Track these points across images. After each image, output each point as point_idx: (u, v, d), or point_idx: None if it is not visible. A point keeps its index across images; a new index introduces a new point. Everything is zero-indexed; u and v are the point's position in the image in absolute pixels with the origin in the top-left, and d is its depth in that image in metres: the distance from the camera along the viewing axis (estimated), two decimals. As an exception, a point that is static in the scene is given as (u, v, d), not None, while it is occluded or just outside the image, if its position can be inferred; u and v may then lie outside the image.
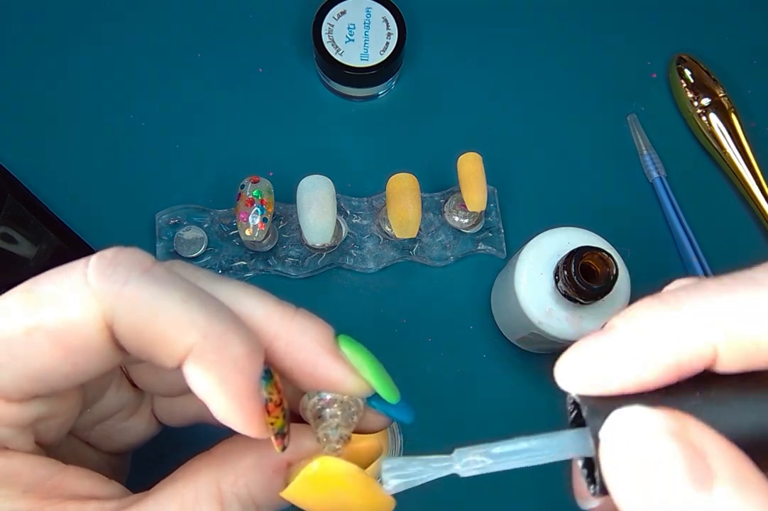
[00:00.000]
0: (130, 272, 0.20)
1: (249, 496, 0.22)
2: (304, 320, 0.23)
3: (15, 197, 0.39)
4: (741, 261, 0.52)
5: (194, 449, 0.23)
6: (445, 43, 0.50)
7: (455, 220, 0.45)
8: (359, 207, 0.46)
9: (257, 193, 0.40)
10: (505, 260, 0.46)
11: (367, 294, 0.45)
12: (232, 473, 0.22)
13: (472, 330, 0.45)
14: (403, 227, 0.41)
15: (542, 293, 0.37)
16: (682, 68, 0.49)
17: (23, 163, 0.46)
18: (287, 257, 0.45)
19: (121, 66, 0.49)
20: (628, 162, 0.49)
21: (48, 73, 0.48)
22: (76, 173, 0.46)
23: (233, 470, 0.22)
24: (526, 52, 0.50)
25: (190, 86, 0.49)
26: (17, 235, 0.39)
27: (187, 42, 0.49)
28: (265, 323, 0.22)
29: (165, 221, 0.45)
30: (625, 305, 0.37)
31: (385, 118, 0.49)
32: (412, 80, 0.50)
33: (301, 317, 0.23)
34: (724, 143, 0.48)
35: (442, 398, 0.43)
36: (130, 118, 0.48)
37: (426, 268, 0.46)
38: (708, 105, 0.48)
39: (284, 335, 0.22)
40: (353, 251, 0.45)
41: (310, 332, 0.23)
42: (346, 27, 0.46)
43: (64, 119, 0.47)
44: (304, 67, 0.49)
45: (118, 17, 0.50)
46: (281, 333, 0.22)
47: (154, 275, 0.20)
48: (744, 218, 0.48)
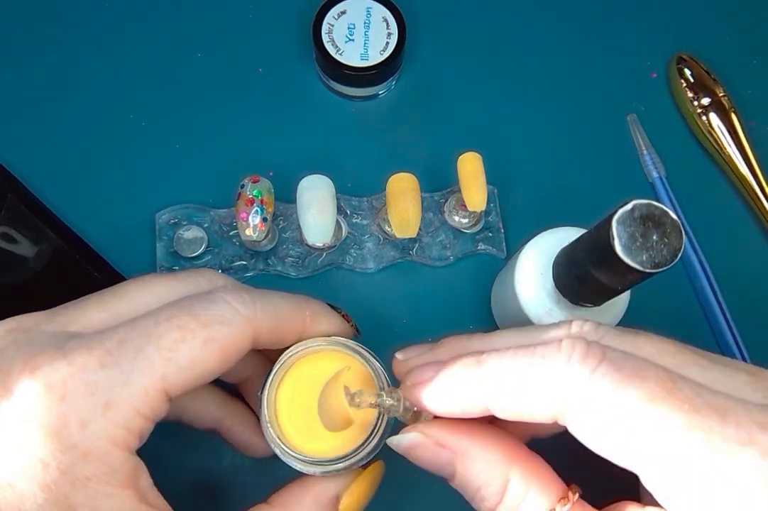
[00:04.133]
0: (251, 294, 0.30)
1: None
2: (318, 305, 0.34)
3: (15, 197, 0.39)
4: (741, 261, 0.53)
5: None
6: (445, 43, 0.50)
7: (455, 220, 0.45)
8: (359, 207, 0.46)
9: (257, 193, 0.40)
10: (505, 260, 0.46)
11: (367, 294, 0.45)
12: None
13: (472, 330, 0.45)
14: (403, 227, 0.41)
15: (542, 293, 0.37)
16: (682, 68, 0.49)
17: (23, 163, 0.46)
18: (287, 256, 0.45)
19: (121, 66, 0.49)
20: (628, 162, 0.49)
21: (48, 72, 0.48)
22: (76, 173, 0.46)
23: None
24: (526, 52, 0.50)
25: (191, 86, 0.49)
26: (17, 235, 0.39)
27: (187, 42, 0.49)
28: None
29: (165, 221, 0.45)
30: (624, 305, 0.37)
31: (385, 118, 0.49)
32: (412, 80, 0.50)
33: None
34: (724, 143, 0.48)
35: (442, 398, 0.43)
36: (130, 118, 0.48)
37: (426, 268, 0.46)
38: (708, 105, 0.48)
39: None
40: (353, 251, 0.45)
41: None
42: (346, 27, 0.46)
43: (64, 119, 0.47)
44: (304, 67, 0.49)
45: (118, 17, 0.50)
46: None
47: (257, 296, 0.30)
48: (744, 218, 0.48)
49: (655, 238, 0.28)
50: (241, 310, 0.28)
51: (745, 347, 0.44)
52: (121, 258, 0.45)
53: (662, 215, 0.29)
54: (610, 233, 0.28)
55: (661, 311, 0.46)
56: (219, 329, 0.27)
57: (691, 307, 0.46)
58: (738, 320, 0.45)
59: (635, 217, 0.29)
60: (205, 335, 0.27)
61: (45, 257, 0.41)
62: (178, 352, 0.26)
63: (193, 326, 0.27)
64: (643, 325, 0.45)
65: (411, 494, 0.42)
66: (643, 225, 0.29)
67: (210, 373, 0.27)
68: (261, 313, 0.29)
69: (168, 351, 0.26)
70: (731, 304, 0.45)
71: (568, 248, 0.35)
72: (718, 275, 0.46)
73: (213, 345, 0.27)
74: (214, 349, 0.27)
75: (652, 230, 0.29)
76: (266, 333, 0.29)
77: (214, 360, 0.27)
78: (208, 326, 0.27)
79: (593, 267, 0.31)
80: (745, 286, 0.46)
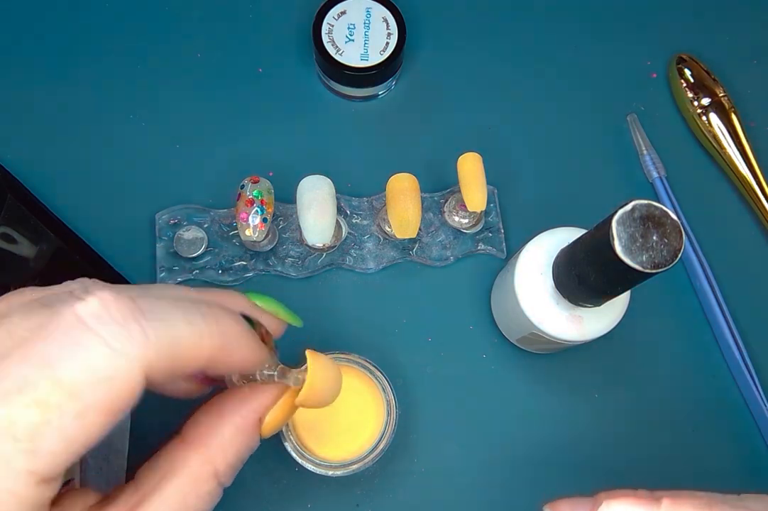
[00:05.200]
0: (139, 322, 0.22)
1: (238, 458, 0.26)
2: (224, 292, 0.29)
3: (15, 197, 0.39)
4: (741, 261, 0.53)
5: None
6: (445, 43, 0.50)
7: (455, 220, 0.45)
8: (359, 207, 0.46)
9: (257, 193, 0.40)
10: (505, 260, 0.46)
11: (367, 294, 0.45)
12: (219, 448, 0.25)
13: (472, 330, 0.45)
14: (403, 227, 0.41)
15: (542, 293, 0.37)
16: (682, 68, 0.49)
17: (23, 163, 0.46)
18: (287, 256, 0.45)
19: (121, 66, 0.49)
20: (628, 162, 0.49)
21: (48, 72, 0.48)
22: (76, 173, 0.46)
23: (220, 446, 0.25)
24: (526, 52, 0.50)
25: (191, 86, 0.49)
26: (17, 235, 0.39)
27: (187, 42, 0.49)
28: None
29: (165, 221, 0.45)
30: (624, 305, 0.37)
31: (385, 118, 0.49)
32: (412, 80, 0.50)
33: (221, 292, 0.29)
34: (724, 143, 0.48)
35: (441, 398, 0.43)
36: (130, 118, 0.48)
37: (426, 268, 0.46)
38: (708, 105, 0.48)
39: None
40: (353, 251, 0.45)
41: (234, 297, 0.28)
42: (346, 27, 0.46)
43: (64, 119, 0.47)
44: (304, 67, 0.49)
45: (117, 17, 0.50)
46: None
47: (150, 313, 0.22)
48: (744, 218, 0.48)
49: (655, 239, 0.28)
50: (126, 350, 0.21)
51: (745, 347, 0.44)
52: (121, 258, 0.45)
53: (662, 216, 0.29)
54: (610, 234, 0.28)
55: (661, 311, 0.46)
56: (94, 392, 0.21)
57: (691, 307, 0.46)
58: (738, 320, 0.45)
59: (635, 218, 0.29)
60: (77, 407, 0.20)
61: (45, 257, 0.41)
62: (42, 441, 0.20)
63: (55, 399, 0.20)
64: (643, 325, 0.45)
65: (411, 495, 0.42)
66: (643, 225, 0.29)
67: (95, 439, 0.21)
68: (155, 348, 0.22)
69: (27, 443, 0.20)
70: (731, 304, 0.45)
71: (568, 248, 0.35)
72: (718, 275, 0.46)
73: (90, 413, 0.21)
74: (93, 416, 0.21)
75: (652, 231, 0.29)
76: (160, 372, 0.22)
77: (97, 427, 0.21)
78: (76, 395, 0.20)
79: (593, 267, 0.31)
80: (745, 286, 0.46)
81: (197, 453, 0.25)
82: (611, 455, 0.43)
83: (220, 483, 0.25)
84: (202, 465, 0.25)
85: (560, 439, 0.43)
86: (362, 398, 0.39)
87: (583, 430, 0.43)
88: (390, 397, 0.39)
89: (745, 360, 0.44)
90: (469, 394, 0.44)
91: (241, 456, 0.26)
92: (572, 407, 0.44)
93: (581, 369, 0.45)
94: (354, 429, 0.39)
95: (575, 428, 0.43)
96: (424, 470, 0.42)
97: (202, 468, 0.25)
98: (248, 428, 0.26)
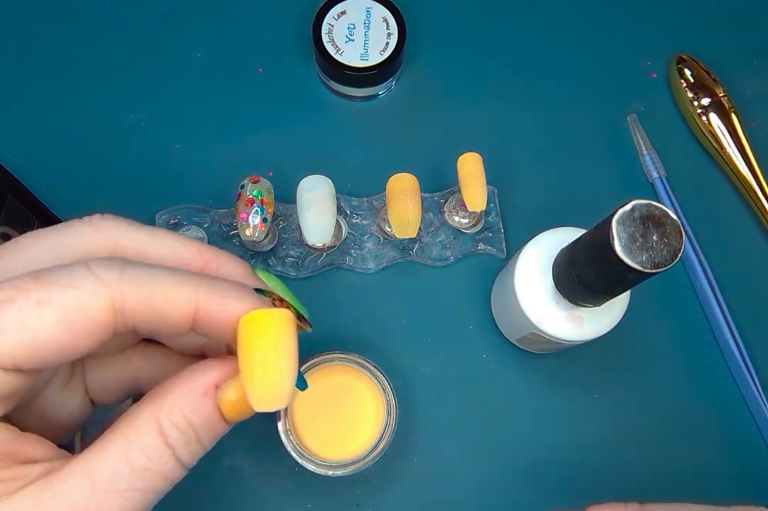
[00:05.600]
0: (121, 263, 0.24)
1: (186, 421, 0.25)
2: (226, 254, 0.28)
3: (15, 197, 0.39)
4: (741, 261, 0.52)
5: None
6: (445, 43, 0.50)
7: (455, 220, 0.45)
8: (359, 207, 0.46)
9: (257, 193, 0.40)
10: (505, 260, 0.46)
11: (367, 294, 0.45)
12: (166, 405, 0.25)
13: (472, 330, 0.45)
14: (403, 227, 0.41)
15: (542, 292, 0.37)
16: (682, 68, 0.49)
17: (23, 163, 0.46)
18: (287, 256, 0.45)
19: (121, 66, 0.49)
20: (628, 162, 0.49)
21: (48, 72, 0.48)
22: (76, 173, 0.46)
23: (167, 402, 0.25)
24: (526, 52, 0.50)
25: (191, 86, 0.49)
26: (17, 235, 0.39)
27: (187, 42, 0.49)
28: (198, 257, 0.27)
29: (165, 221, 0.45)
30: (624, 305, 0.37)
31: (385, 118, 0.49)
32: (412, 80, 0.50)
33: (222, 253, 0.28)
34: (724, 143, 0.48)
35: (441, 398, 0.44)
36: (130, 118, 0.48)
37: (426, 268, 0.46)
38: (708, 105, 0.48)
39: (216, 264, 0.28)
40: (353, 251, 0.45)
41: (235, 261, 0.28)
42: (346, 27, 0.46)
43: (64, 119, 0.47)
44: (304, 67, 0.49)
45: (117, 17, 0.50)
46: (212, 263, 0.27)
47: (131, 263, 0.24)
48: (744, 218, 0.48)
49: (655, 239, 0.28)
50: (99, 274, 0.23)
51: (745, 347, 0.44)
52: (121, 258, 0.45)
53: (662, 216, 0.29)
54: (610, 233, 0.28)
55: (661, 311, 0.46)
56: (59, 290, 0.23)
57: (691, 307, 0.46)
58: (738, 320, 0.45)
59: (635, 218, 0.29)
60: (40, 296, 0.22)
61: (45, 257, 0.40)
62: (3, 314, 0.22)
63: (29, 286, 0.23)
64: (643, 325, 0.45)
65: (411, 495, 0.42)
66: (643, 225, 0.29)
67: (57, 343, 0.23)
68: (128, 280, 0.23)
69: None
70: (731, 304, 0.45)
71: (568, 248, 0.35)
72: (718, 275, 0.46)
73: (50, 310, 0.22)
74: (52, 314, 0.22)
75: (652, 231, 0.29)
76: (137, 308, 0.24)
77: (54, 327, 0.22)
78: (44, 286, 0.23)
79: (593, 267, 0.31)
80: (745, 286, 0.46)
81: (145, 406, 0.25)
82: (611, 454, 0.43)
83: (168, 444, 0.24)
84: (146, 419, 0.24)
85: (560, 439, 0.43)
86: (362, 398, 0.39)
87: (582, 430, 0.44)
88: (390, 397, 0.39)
89: (745, 360, 0.44)
90: (468, 394, 0.44)
91: (187, 419, 0.25)
92: (572, 407, 0.44)
93: (581, 369, 0.45)
94: (354, 429, 0.39)
95: (575, 428, 0.44)
96: (424, 470, 0.42)
97: (146, 421, 0.24)
98: (197, 391, 0.25)
